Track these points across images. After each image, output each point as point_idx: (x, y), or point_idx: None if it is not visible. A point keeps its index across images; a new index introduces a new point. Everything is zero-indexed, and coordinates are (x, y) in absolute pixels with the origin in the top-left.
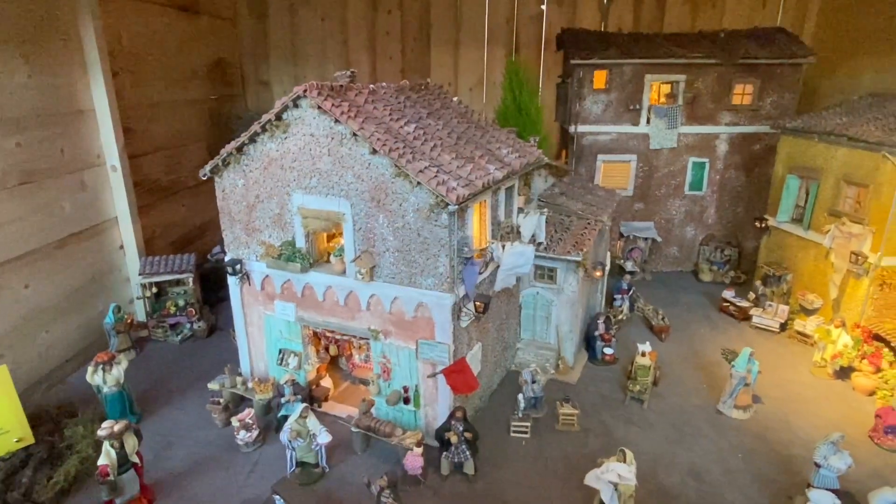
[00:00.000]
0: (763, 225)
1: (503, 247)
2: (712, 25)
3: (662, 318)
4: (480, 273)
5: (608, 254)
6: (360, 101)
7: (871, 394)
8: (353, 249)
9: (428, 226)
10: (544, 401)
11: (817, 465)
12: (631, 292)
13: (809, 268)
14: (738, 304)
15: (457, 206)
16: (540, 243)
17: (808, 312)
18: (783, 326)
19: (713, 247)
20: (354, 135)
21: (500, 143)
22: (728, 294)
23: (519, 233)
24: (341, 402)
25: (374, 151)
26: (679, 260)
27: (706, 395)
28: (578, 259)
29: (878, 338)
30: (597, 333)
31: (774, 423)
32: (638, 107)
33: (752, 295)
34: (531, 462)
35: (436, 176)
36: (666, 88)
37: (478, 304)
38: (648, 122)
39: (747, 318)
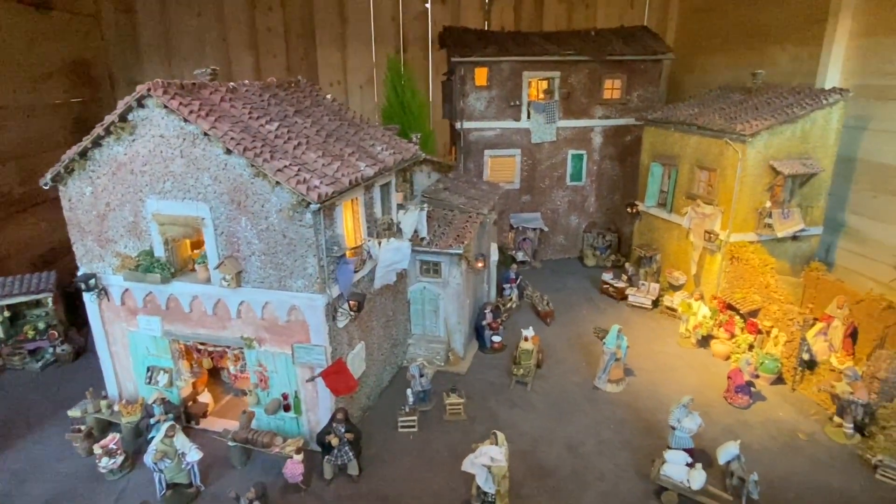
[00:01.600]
0: (634, 210)
1: (380, 244)
2: (587, 24)
3: (547, 304)
4: (356, 271)
5: (494, 245)
6: (215, 100)
7: (728, 358)
8: (216, 255)
9: (293, 226)
10: (432, 393)
11: (673, 428)
12: (518, 281)
13: (674, 247)
14: (616, 285)
15: (319, 205)
16: (423, 238)
17: (675, 289)
18: (655, 303)
19: (595, 233)
20: (206, 134)
21: (375, 140)
22: (607, 276)
23: (400, 229)
24: (223, 417)
25: (229, 151)
26: (566, 247)
27: (585, 372)
28: (460, 252)
29: (730, 307)
30: (484, 323)
31: (644, 393)
32: (518, 103)
33: (625, 275)
34: (417, 455)
35: (296, 175)
36: (543, 85)
37: (352, 303)
38: (529, 117)
39: (624, 297)
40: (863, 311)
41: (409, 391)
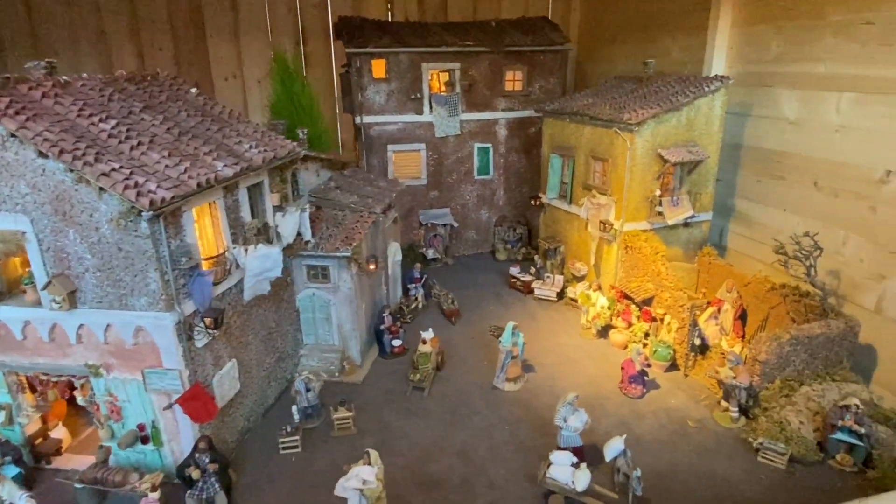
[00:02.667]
0: (537, 203)
1: (246, 251)
2: (492, 15)
3: (452, 302)
4: (217, 283)
5: (396, 244)
6: (35, 96)
7: (626, 347)
8: (43, 274)
9: (128, 238)
10: (321, 408)
11: (560, 427)
12: (424, 280)
13: (576, 238)
14: (523, 279)
15: (153, 212)
16: (307, 242)
17: (578, 280)
18: (560, 295)
19: (506, 227)
20: (13, 136)
21: (244, 137)
22: (514, 270)
23: (278, 233)
24: (84, 453)
25: (43, 155)
26: (478, 242)
27: (486, 372)
28: (348, 255)
29: (627, 296)
30: (382, 327)
31: (542, 388)
32: (419, 95)
33: (533, 268)
34: (298, 478)
35: (126, 179)
36: (444, 77)
37: (207, 319)
38: (431, 110)
39: (531, 291)
40: (750, 294)
41: (294, 408)
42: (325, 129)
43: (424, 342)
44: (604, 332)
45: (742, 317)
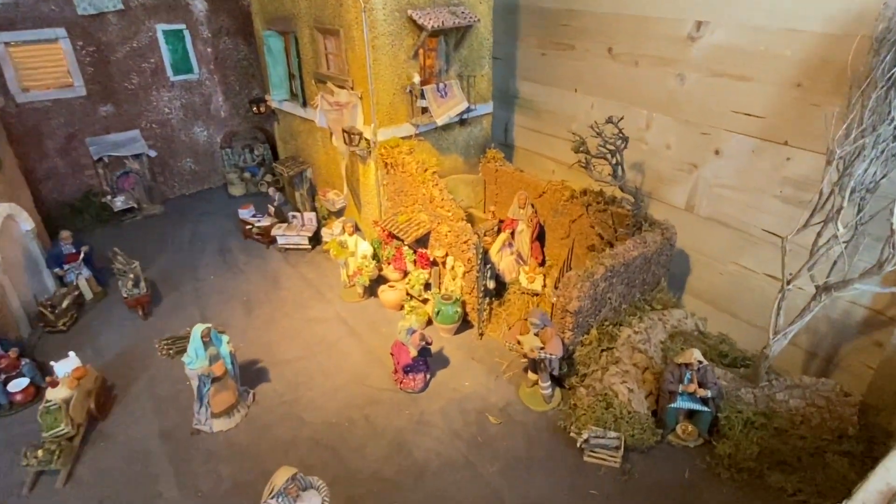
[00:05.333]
0: (261, 109)
1: None
2: None
3: (137, 283)
4: None
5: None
6: None
7: (402, 307)
8: None
9: None
10: None
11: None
12: (83, 255)
13: (323, 158)
14: (259, 223)
15: None
16: None
17: (337, 216)
18: (314, 240)
19: (238, 147)
20: None
21: None
22: (245, 213)
23: None
24: None
25: None
26: (201, 175)
27: (189, 402)
28: None
29: (395, 236)
30: None
31: (278, 413)
32: None
33: (271, 207)
34: None
35: None
36: None
37: None
38: None
39: (273, 240)
40: (547, 205)
41: None
42: None
43: (55, 383)
44: (374, 289)
45: (540, 237)
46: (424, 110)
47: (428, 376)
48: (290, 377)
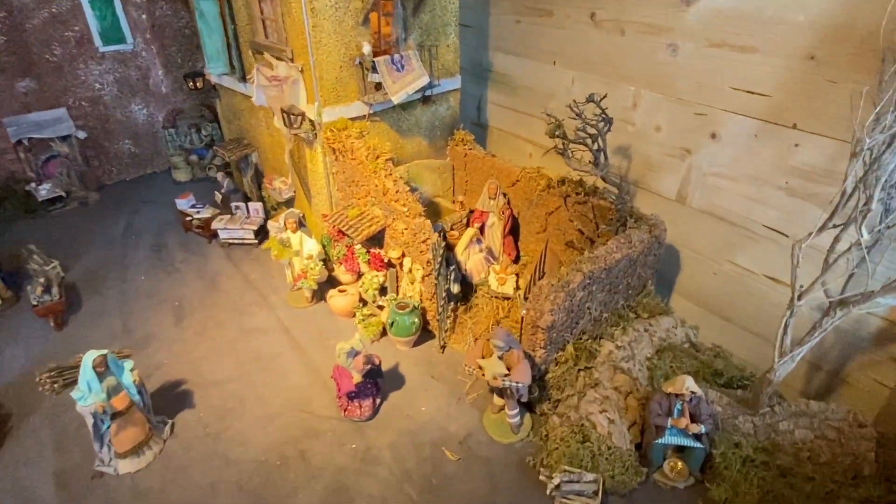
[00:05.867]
0: (198, 84)
1: None
2: None
3: (49, 287)
4: None
5: None
6: None
7: (354, 315)
8: None
9: None
10: None
11: None
12: None
13: (267, 140)
14: (200, 215)
15: None
16: None
17: (289, 206)
18: (261, 234)
19: (185, 127)
20: None
21: None
22: (183, 203)
23: None
24: None
25: None
26: (142, 158)
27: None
28: None
29: (344, 232)
30: None
31: (198, 449)
32: None
33: (218, 194)
34: None
35: None
36: None
37: None
38: None
39: (215, 234)
40: (520, 195)
41: None
42: None
43: None
44: (324, 292)
45: (515, 230)
46: (378, 86)
47: (378, 401)
48: (218, 402)
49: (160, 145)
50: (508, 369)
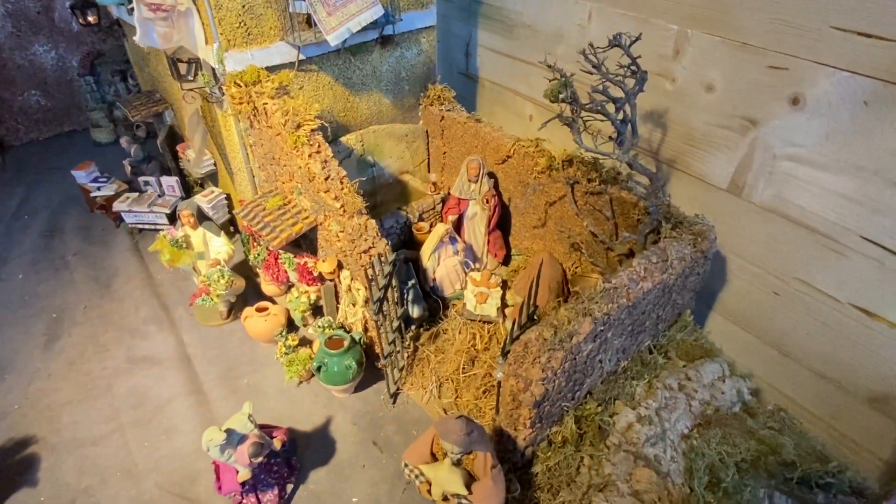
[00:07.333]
0: (90, 19)
1: None
2: None
3: None
4: None
5: None
6: None
7: (272, 340)
8: None
9: None
10: None
11: None
12: None
13: (179, 94)
14: (100, 192)
15: None
16: None
17: (214, 183)
18: (175, 218)
19: (108, 74)
20: None
21: None
22: (82, 176)
23: None
24: None
25: None
26: (57, 112)
27: None
28: None
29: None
30: None
31: None
32: None
33: (127, 166)
34: None
35: None
36: None
37: None
38: None
39: (118, 216)
40: (513, 176)
41: None
42: None
43: None
44: (244, 304)
45: (503, 224)
46: (307, 23)
47: (290, 487)
48: (72, 475)
49: (78, 97)
50: (468, 484)
